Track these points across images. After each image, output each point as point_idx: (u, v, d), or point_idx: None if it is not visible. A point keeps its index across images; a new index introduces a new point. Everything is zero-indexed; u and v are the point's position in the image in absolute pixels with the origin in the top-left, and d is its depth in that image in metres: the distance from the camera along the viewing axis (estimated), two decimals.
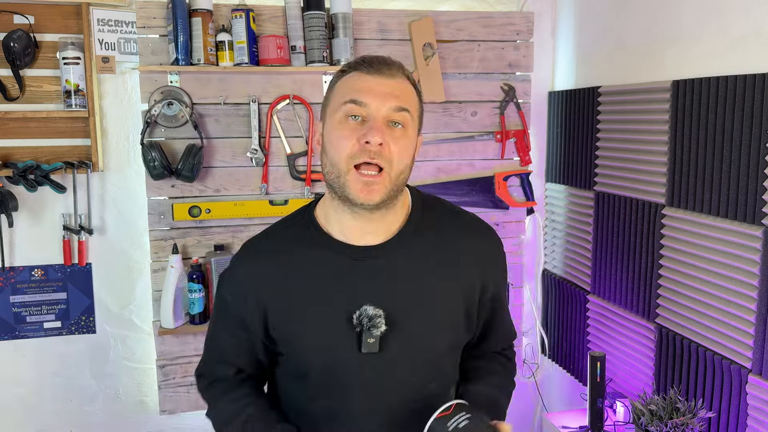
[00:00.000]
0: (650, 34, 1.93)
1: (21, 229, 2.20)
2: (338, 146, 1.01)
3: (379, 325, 1.03)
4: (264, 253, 1.12)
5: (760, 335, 1.52)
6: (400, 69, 1.06)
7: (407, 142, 1.03)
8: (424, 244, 1.09)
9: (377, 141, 0.98)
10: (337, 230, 1.08)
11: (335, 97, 1.05)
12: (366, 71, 1.03)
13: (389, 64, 1.05)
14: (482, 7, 2.49)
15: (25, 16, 2.10)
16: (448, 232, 1.12)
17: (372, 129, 0.98)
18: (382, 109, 1.00)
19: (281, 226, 1.16)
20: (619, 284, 2.08)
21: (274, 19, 2.20)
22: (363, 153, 0.99)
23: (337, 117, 1.02)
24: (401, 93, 1.03)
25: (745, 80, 1.54)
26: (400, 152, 1.01)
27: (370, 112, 1.00)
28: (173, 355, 2.25)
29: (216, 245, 2.22)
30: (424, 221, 1.11)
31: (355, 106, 1.00)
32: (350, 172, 1.00)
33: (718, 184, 1.64)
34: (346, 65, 1.08)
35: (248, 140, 2.23)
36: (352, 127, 1.00)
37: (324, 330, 1.06)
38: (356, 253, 1.07)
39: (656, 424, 1.66)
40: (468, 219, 1.17)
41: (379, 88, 1.02)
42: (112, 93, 2.24)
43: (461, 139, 2.42)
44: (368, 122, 1.00)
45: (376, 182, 1.00)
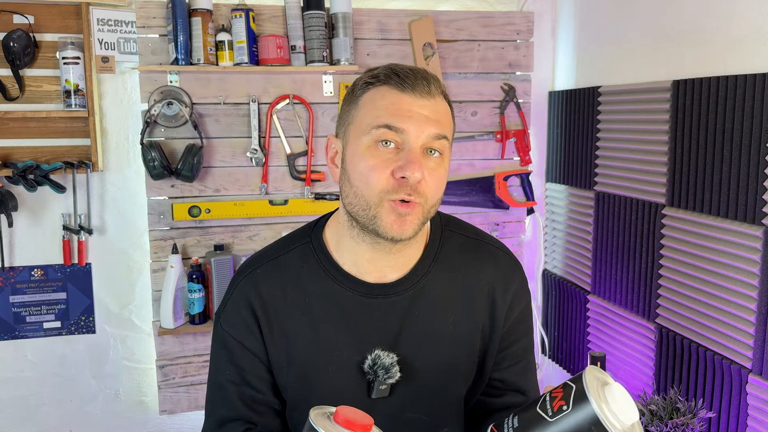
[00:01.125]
0: (650, 34, 1.93)
1: (21, 229, 2.20)
2: (368, 178, 0.86)
3: (394, 375, 0.94)
4: (268, 281, 0.98)
5: (760, 335, 1.52)
6: (437, 86, 0.90)
7: (443, 173, 0.90)
8: (441, 281, 0.98)
9: (417, 177, 0.85)
10: (349, 261, 0.96)
11: (362, 114, 0.89)
12: (400, 88, 0.87)
13: (427, 80, 0.89)
14: (482, 7, 2.49)
15: (24, 15, 2.10)
16: (467, 265, 1.00)
17: (410, 163, 0.84)
18: (422, 136, 0.86)
19: (285, 248, 1.01)
20: (619, 284, 2.08)
21: (274, 18, 2.20)
22: (399, 189, 0.86)
23: (364, 141, 0.87)
24: (441, 117, 0.89)
25: (745, 80, 1.54)
26: (437, 185, 0.89)
27: (406, 140, 0.86)
28: (173, 355, 2.25)
29: (216, 245, 2.22)
30: (442, 254, 1.00)
31: (389, 131, 0.86)
32: (383, 204, 0.87)
33: (718, 184, 1.64)
34: (371, 75, 0.91)
35: (248, 140, 2.23)
36: (385, 157, 0.86)
37: (331, 375, 0.96)
38: (369, 290, 0.95)
39: (656, 424, 1.66)
40: (490, 249, 1.04)
41: (418, 110, 0.87)
42: (112, 93, 2.24)
43: (461, 139, 2.42)
44: (403, 151, 0.86)
45: (409, 214, 0.87)
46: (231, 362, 0.99)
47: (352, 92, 0.93)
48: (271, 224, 2.30)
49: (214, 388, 1.01)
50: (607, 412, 0.66)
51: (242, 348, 0.98)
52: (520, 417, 0.71)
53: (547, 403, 0.70)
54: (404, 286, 0.96)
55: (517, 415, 0.72)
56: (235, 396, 0.98)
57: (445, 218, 1.05)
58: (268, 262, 1.00)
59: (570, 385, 0.70)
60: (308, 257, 0.98)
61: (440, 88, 0.91)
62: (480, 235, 1.05)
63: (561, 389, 0.70)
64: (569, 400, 0.69)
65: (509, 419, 0.72)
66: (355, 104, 0.91)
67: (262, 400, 1.00)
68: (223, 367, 1.00)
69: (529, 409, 0.72)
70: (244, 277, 1.00)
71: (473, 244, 1.03)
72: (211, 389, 1.02)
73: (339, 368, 0.96)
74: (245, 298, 0.98)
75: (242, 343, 0.98)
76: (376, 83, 0.89)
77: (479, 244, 1.03)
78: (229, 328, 0.99)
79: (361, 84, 0.92)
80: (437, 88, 0.90)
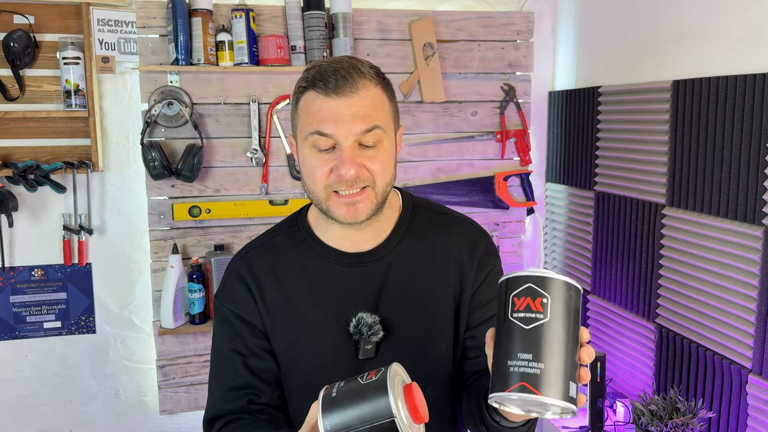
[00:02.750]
0: (650, 34, 1.93)
1: (21, 229, 2.20)
2: (313, 177, 0.97)
3: (378, 333, 1.03)
4: (260, 260, 1.09)
5: (760, 335, 1.52)
6: (363, 76, 0.95)
7: (386, 156, 0.98)
8: (413, 248, 1.08)
9: (351, 174, 0.94)
10: (328, 238, 1.07)
11: (300, 120, 0.99)
12: (324, 92, 0.94)
13: (347, 77, 0.94)
14: (482, 7, 2.49)
15: (25, 16, 2.10)
16: (437, 234, 1.10)
17: (342, 162, 0.94)
18: (350, 136, 0.94)
19: (274, 232, 1.13)
20: (619, 284, 2.08)
21: (274, 19, 2.20)
22: (340, 183, 0.95)
23: (305, 146, 0.97)
24: (368, 109, 0.95)
25: (745, 80, 1.54)
26: (380, 168, 0.97)
27: (337, 141, 0.94)
28: (173, 355, 2.25)
29: (216, 245, 2.22)
30: (414, 224, 1.09)
31: (320, 137, 0.94)
32: (330, 197, 0.97)
33: (718, 184, 1.64)
34: (303, 78, 0.98)
35: (248, 140, 2.23)
36: (324, 158, 0.96)
37: (320, 338, 1.05)
38: (348, 260, 1.06)
39: (656, 424, 1.66)
40: (457, 220, 1.13)
41: (342, 111, 0.93)
42: (112, 93, 2.24)
43: (461, 139, 2.42)
44: (338, 150, 0.95)
45: (359, 200, 0.97)
46: (236, 334, 1.07)
47: (294, 94, 1.00)
48: (271, 224, 2.27)
49: (220, 360, 1.09)
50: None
51: (243, 321, 1.07)
52: (520, 346, 0.73)
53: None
54: (380, 254, 1.06)
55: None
56: (239, 365, 1.06)
57: (416, 198, 1.14)
58: (259, 245, 1.11)
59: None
60: (294, 237, 1.09)
61: (367, 77, 0.95)
62: (447, 210, 1.15)
63: (518, 298, 0.73)
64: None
65: (512, 359, 0.73)
66: (296, 110, 1.00)
67: (265, 368, 1.08)
68: (227, 340, 1.08)
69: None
70: (238, 260, 1.11)
71: (441, 217, 1.13)
72: (216, 363, 1.10)
73: (327, 333, 1.05)
74: (240, 277, 1.08)
75: (242, 316, 1.07)
76: (307, 88, 0.96)
77: (446, 217, 1.13)
78: (229, 305, 1.08)
79: (297, 88, 0.99)
80: (363, 78, 0.95)
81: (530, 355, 0.69)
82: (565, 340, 0.71)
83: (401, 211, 1.10)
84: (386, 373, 0.73)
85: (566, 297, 0.72)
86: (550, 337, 0.70)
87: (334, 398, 0.73)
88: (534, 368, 0.69)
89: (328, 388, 0.75)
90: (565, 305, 0.71)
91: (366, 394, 0.72)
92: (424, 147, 2.39)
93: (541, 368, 0.69)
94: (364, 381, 0.73)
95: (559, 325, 0.71)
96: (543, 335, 0.70)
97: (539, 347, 0.70)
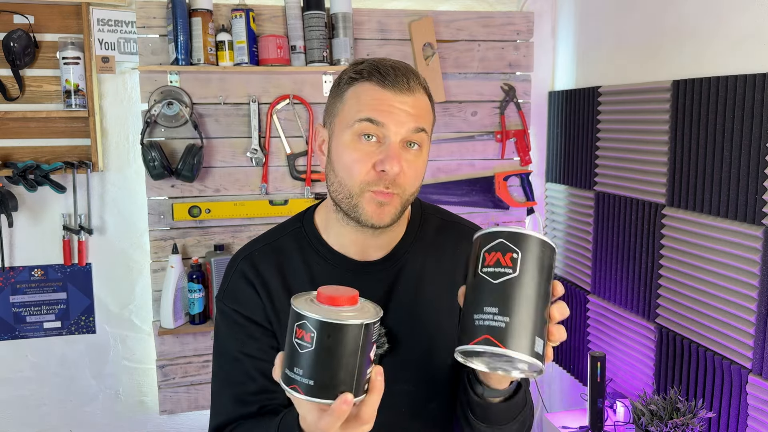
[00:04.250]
0: (650, 34, 1.93)
1: (21, 229, 2.20)
2: (351, 170, 0.93)
3: (383, 345, 1.00)
4: (265, 261, 1.04)
5: (760, 335, 1.52)
6: (417, 80, 0.96)
7: (422, 164, 0.97)
8: (422, 257, 1.05)
9: (396, 171, 0.91)
10: (337, 242, 1.03)
11: (346, 108, 0.95)
12: (382, 84, 0.92)
13: (407, 75, 0.94)
14: (482, 7, 2.49)
15: (25, 15, 2.10)
16: (445, 243, 1.08)
17: (390, 157, 0.91)
18: (401, 131, 0.92)
19: (280, 232, 1.08)
20: (619, 284, 2.08)
21: (274, 18, 2.20)
22: (379, 182, 0.92)
23: (348, 134, 0.93)
24: (420, 111, 0.94)
25: (745, 80, 1.54)
26: (415, 176, 0.95)
27: (386, 134, 0.92)
28: (173, 355, 2.25)
29: (216, 245, 2.22)
30: (422, 232, 1.07)
31: (370, 125, 0.91)
32: (364, 194, 0.93)
33: (718, 184, 1.64)
34: (355, 70, 0.96)
35: (248, 140, 2.23)
36: (367, 151, 0.92)
37: None
38: (356, 267, 1.03)
39: (656, 424, 1.66)
40: (465, 229, 1.11)
41: (398, 105, 0.92)
42: (112, 93, 2.24)
43: (461, 139, 2.42)
44: (384, 145, 0.92)
45: (388, 204, 0.94)
46: (246, 336, 1.02)
47: (338, 85, 0.98)
48: (271, 224, 2.26)
49: (228, 365, 1.03)
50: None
51: (252, 322, 1.02)
52: (487, 300, 0.70)
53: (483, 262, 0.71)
54: (387, 264, 1.03)
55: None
56: (251, 368, 1.01)
57: (425, 205, 1.12)
58: (265, 245, 1.06)
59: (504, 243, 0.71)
60: (301, 239, 1.05)
61: (420, 83, 0.96)
62: (455, 218, 1.13)
63: (488, 253, 0.71)
64: (511, 248, 0.71)
65: (477, 312, 0.70)
66: (340, 98, 0.96)
67: (269, 360, 1.01)
68: (236, 343, 1.02)
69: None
70: (242, 259, 1.06)
71: (449, 225, 1.11)
72: (224, 368, 1.04)
73: None
74: (245, 276, 1.03)
75: (251, 317, 1.02)
76: (360, 79, 0.94)
77: (454, 225, 1.11)
78: (236, 306, 1.03)
79: (346, 78, 0.96)
80: (417, 83, 0.95)
81: (496, 308, 0.68)
82: (533, 296, 0.69)
83: (410, 217, 1.08)
84: (306, 318, 0.69)
85: (538, 253, 0.70)
86: (517, 292, 0.69)
87: (308, 385, 0.69)
88: (499, 321, 0.68)
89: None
90: (536, 261, 0.70)
91: (325, 350, 0.69)
92: None
93: (506, 322, 0.68)
94: (306, 344, 0.69)
95: (528, 281, 0.69)
96: (510, 289, 0.69)
97: (505, 301, 0.68)
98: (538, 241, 0.70)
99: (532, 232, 0.71)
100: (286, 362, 0.71)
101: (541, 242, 0.71)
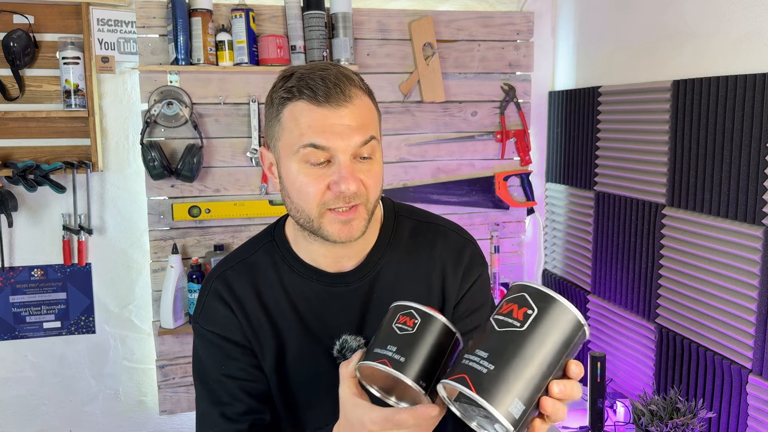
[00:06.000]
0: (650, 34, 1.93)
1: (21, 229, 2.20)
2: (306, 194, 0.89)
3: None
4: (239, 279, 1.01)
5: (761, 335, 1.52)
6: (352, 84, 0.89)
7: (378, 169, 0.92)
8: (396, 263, 1.02)
9: (353, 189, 0.87)
10: (308, 256, 1.00)
11: (287, 133, 0.89)
12: (316, 102, 0.86)
13: (340, 84, 0.87)
14: (482, 7, 2.49)
15: (24, 15, 2.10)
16: (419, 246, 1.04)
17: (343, 177, 0.86)
18: (349, 148, 0.87)
19: (251, 249, 1.05)
20: (619, 284, 2.08)
21: (274, 18, 2.20)
22: (337, 200, 0.88)
23: (294, 161, 0.89)
24: (363, 119, 0.88)
25: (745, 80, 1.54)
26: (375, 183, 0.91)
27: (334, 154, 0.87)
28: (173, 355, 2.25)
29: (216, 245, 2.22)
30: (396, 236, 1.04)
31: (315, 150, 0.86)
32: (324, 215, 0.90)
33: (718, 184, 1.64)
34: (285, 88, 0.89)
35: (248, 140, 2.23)
36: (318, 174, 0.88)
37: (304, 361, 1.00)
38: (331, 280, 1.00)
39: (656, 425, 1.66)
40: (440, 229, 1.07)
41: (340, 122, 0.86)
42: (112, 93, 2.24)
43: (461, 139, 2.42)
44: (334, 164, 0.88)
45: (354, 218, 0.90)
46: (226, 357, 1.00)
47: (272, 104, 0.92)
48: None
49: (211, 388, 1.01)
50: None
51: (230, 342, 1.00)
52: (483, 344, 0.67)
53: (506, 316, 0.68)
54: (363, 273, 1.00)
55: (474, 344, 0.68)
56: (236, 389, 0.99)
57: (398, 205, 1.09)
58: (238, 263, 1.03)
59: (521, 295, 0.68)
60: (273, 254, 1.02)
61: (356, 84, 0.89)
62: (431, 218, 1.09)
63: (507, 303, 0.69)
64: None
65: (470, 353, 0.67)
66: (277, 120, 0.91)
67: (263, 389, 1.02)
68: (217, 365, 1.00)
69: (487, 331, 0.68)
70: (215, 278, 1.03)
71: (424, 226, 1.07)
72: (207, 391, 1.01)
73: (311, 356, 1.00)
74: (220, 297, 1.01)
75: (229, 338, 1.00)
76: (292, 98, 0.88)
77: (429, 226, 1.07)
78: (212, 327, 1.01)
79: (278, 98, 0.90)
80: (352, 87, 0.88)
81: (486, 353, 0.64)
82: (532, 357, 0.64)
83: (383, 221, 1.04)
84: (420, 309, 0.75)
85: (560, 322, 0.65)
86: (514, 346, 0.64)
87: (399, 361, 0.72)
88: (483, 366, 0.64)
89: (367, 367, 0.74)
90: (553, 327, 0.65)
91: (423, 334, 0.73)
92: (424, 147, 2.39)
93: (489, 369, 0.63)
94: (412, 329, 0.74)
95: (532, 340, 0.64)
96: (508, 341, 0.64)
97: (498, 350, 0.64)
98: (564, 309, 0.65)
99: (562, 299, 0.66)
100: (379, 343, 0.74)
101: (568, 312, 0.65)
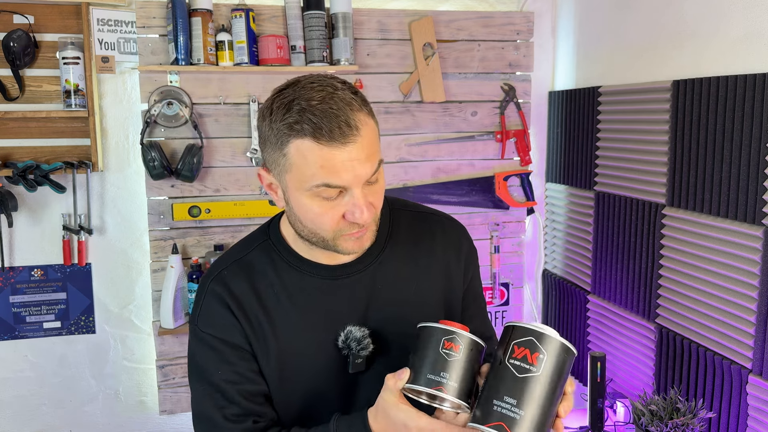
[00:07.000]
0: (650, 34, 1.93)
1: (21, 229, 2.20)
2: (320, 222, 0.92)
3: (368, 346, 1.00)
4: (236, 279, 1.01)
5: (761, 335, 1.52)
6: (352, 109, 0.87)
7: (383, 183, 0.96)
8: (396, 254, 1.05)
9: (366, 217, 0.90)
10: (307, 252, 1.02)
11: (294, 168, 0.88)
12: (324, 140, 0.85)
13: (344, 116, 0.85)
14: (482, 7, 2.49)
15: (24, 15, 2.10)
16: (418, 237, 1.08)
17: (357, 207, 0.89)
18: (361, 181, 0.89)
19: (246, 248, 1.05)
20: (619, 284, 2.08)
21: (274, 18, 2.20)
22: (352, 226, 0.92)
23: (306, 195, 0.90)
24: (371, 147, 0.89)
25: (745, 80, 1.54)
26: (380, 198, 0.95)
27: (348, 187, 0.89)
28: (173, 355, 2.25)
29: (216, 245, 2.22)
30: (394, 229, 1.07)
31: (328, 188, 0.88)
32: (339, 238, 0.93)
33: (718, 184, 1.64)
34: (289, 124, 0.86)
35: (248, 140, 2.23)
36: (331, 205, 0.90)
37: (309, 355, 1.01)
38: (332, 272, 1.01)
39: (656, 425, 1.66)
40: (435, 219, 1.12)
41: (349, 157, 0.86)
42: (112, 93, 2.24)
43: (461, 139, 2.42)
44: (346, 194, 0.89)
45: (365, 234, 0.95)
46: (223, 362, 0.99)
47: (271, 130, 0.89)
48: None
49: (209, 391, 1.00)
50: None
51: (229, 345, 1.00)
52: (508, 391, 0.79)
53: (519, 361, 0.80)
54: (364, 264, 1.03)
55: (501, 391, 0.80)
56: (234, 393, 0.99)
57: (391, 200, 1.11)
58: (233, 263, 1.03)
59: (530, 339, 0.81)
60: (270, 252, 1.03)
61: (357, 108, 0.88)
62: (425, 209, 1.14)
63: (518, 347, 0.81)
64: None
65: (498, 400, 0.79)
66: (282, 154, 0.88)
67: (261, 391, 1.02)
68: (214, 369, 1.00)
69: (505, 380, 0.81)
70: (211, 280, 1.02)
71: (421, 217, 1.11)
72: (205, 395, 1.01)
73: (316, 350, 1.01)
74: (218, 297, 1.00)
75: (228, 340, 0.99)
76: (296, 135, 0.86)
77: (425, 216, 1.12)
78: (210, 330, 1.00)
79: (279, 132, 0.87)
80: (354, 113, 0.87)
81: (515, 400, 0.77)
82: (548, 396, 0.78)
83: (380, 216, 1.06)
84: (456, 333, 0.85)
85: (561, 357, 0.79)
86: (536, 390, 0.78)
87: (453, 386, 0.83)
88: (515, 413, 0.77)
89: (414, 391, 0.88)
90: (558, 364, 0.79)
91: (469, 358, 0.85)
92: (424, 147, 2.39)
93: (521, 415, 0.77)
94: (458, 354, 0.84)
95: (547, 381, 0.78)
96: (531, 387, 0.78)
97: (524, 396, 0.77)
98: (562, 347, 0.80)
99: (560, 338, 0.80)
100: (430, 369, 0.84)
101: (566, 349, 0.80)
